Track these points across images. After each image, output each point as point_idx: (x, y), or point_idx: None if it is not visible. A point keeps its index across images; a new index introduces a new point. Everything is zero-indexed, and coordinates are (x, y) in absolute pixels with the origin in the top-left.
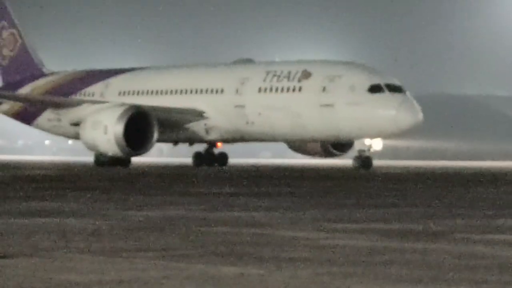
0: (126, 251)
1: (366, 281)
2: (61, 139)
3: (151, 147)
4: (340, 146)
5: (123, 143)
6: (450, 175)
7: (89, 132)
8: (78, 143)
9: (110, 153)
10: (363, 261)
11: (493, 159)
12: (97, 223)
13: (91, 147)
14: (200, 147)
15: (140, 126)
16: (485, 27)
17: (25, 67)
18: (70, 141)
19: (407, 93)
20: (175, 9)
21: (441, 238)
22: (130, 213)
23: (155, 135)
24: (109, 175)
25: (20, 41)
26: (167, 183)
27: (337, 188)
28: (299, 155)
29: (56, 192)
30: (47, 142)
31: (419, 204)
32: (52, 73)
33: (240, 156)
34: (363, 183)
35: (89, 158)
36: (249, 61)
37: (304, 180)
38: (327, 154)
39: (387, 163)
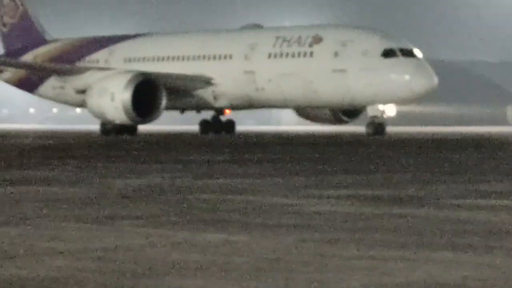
0: (111, 219)
1: (352, 247)
2: (45, 107)
3: (159, 114)
4: (350, 112)
5: (131, 110)
6: (436, 141)
7: (95, 100)
8: (66, 112)
9: (117, 121)
10: (348, 227)
11: (479, 124)
12: (82, 191)
13: (97, 115)
14: (208, 115)
15: (147, 94)
16: None
17: (27, 34)
18: (78, 110)
19: (422, 57)
20: None
21: (426, 203)
22: (116, 181)
23: (163, 103)
24: (102, 143)
25: (21, 8)
26: (158, 151)
27: (330, 154)
28: (307, 122)
29: (41, 160)
30: (31, 110)
31: (402, 169)
32: (54, 40)
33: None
34: (357, 150)
35: (79, 127)
36: (257, 26)
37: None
38: (337, 120)
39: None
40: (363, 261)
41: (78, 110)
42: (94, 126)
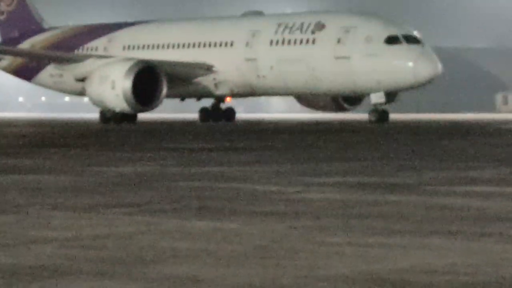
0: (101, 207)
1: (341, 234)
2: (34, 96)
3: (160, 102)
4: (352, 100)
5: (132, 98)
6: (421, 128)
7: (96, 88)
8: (55, 100)
9: (117, 109)
10: (337, 214)
11: (468, 111)
12: (72, 179)
13: (97, 103)
14: (207, 103)
15: (148, 81)
16: None
17: (24, 22)
18: (67, 98)
19: (425, 44)
20: None
21: (415, 190)
22: (105, 169)
23: (164, 91)
24: (98, 131)
25: None
26: (152, 139)
27: (324, 141)
28: (307, 109)
29: (30, 149)
30: (20, 99)
31: (394, 157)
32: (52, 28)
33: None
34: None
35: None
36: (258, 13)
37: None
38: (338, 108)
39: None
40: (353, 248)
41: (67, 98)
42: (88, 114)
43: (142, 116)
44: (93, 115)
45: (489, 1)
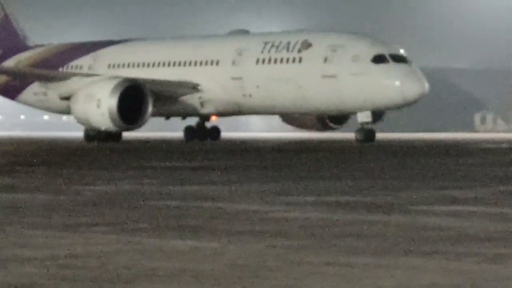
0: (79, 226)
1: (321, 253)
2: (13, 115)
3: (145, 121)
4: (337, 119)
5: (117, 117)
6: (404, 147)
7: (81, 106)
8: (34, 118)
9: (103, 128)
10: (317, 234)
11: (447, 130)
12: (50, 198)
13: (82, 121)
14: (192, 121)
15: (134, 100)
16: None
17: (8, 40)
18: (46, 116)
19: (412, 63)
20: None
21: (395, 210)
22: (84, 187)
23: (150, 109)
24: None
25: (2, 13)
26: (133, 157)
27: (304, 160)
28: (291, 128)
29: (11, 167)
30: None
31: (376, 176)
32: (37, 46)
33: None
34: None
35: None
36: (244, 32)
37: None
38: (323, 127)
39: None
40: (332, 268)
41: (46, 117)
42: (68, 133)
43: (127, 134)
44: (75, 133)
45: (468, 22)
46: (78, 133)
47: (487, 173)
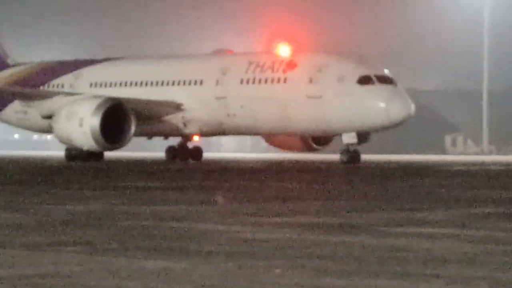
0: (49, 245)
1: (289, 274)
2: None
3: (128, 141)
4: (321, 140)
5: (100, 136)
6: (376, 169)
7: (63, 125)
8: (4, 137)
9: (85, 147)
10: (286, 255)
11: (418, 152)
12: (21, 217)
13: (64, 141)
14: (174, 141)
15: (116, 119)
16: (411, 21)
17: None
18: (16, 135)
19: (398, 84)
20: None
21: (364, 231)
22: (56, 207)
23: (132, 129)
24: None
25: None
26: (105, 177)
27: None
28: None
29: None
30: None
31: (347, 197)
32: (17, 64)
33: (159, 150)
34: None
35: (44, 153)
36: (229, 51)
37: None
38: (307, 148)
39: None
40: None
41: (16, 135)
42: (39, 152)
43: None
44: (48, 152)
45: (438, 43)
46: (52, 152)
47: (456, 195)
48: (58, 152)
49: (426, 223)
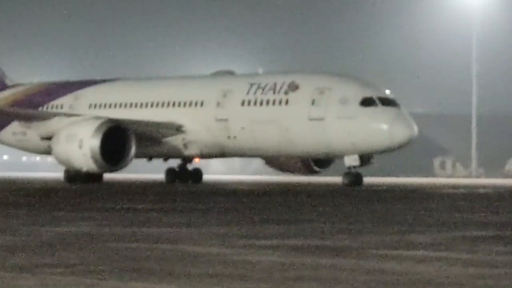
0: (38, 267)
1: None
2: None
3: (128, 162)
4: (322, 162)
5: (100, 158)
6: (363, 191)
7: (62, 146)
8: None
9: (85, 169)
10: (274, 277)
11: (406, 175)
12: (10, 238)
13: (64, 162)
14: (174, 163)
15: (116, 141)
16: (400, 44)
17: None
18: (5, 156)
19: (401, 106)
20: (147, 19)
21: (353, 253)
22: (43, 228)
23: (133, 150)
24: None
25: None
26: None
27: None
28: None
29: None
30: None
31: (338, 220)
32: (16, 85)
33: (149, 172)
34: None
35: (43, 174)
36: (230, 72)
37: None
38: (308, 171)
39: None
40: None
41: (6, 157)
42: (33, 174)
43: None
44: (42, 174)
45: (427, 67)
46: (43, 174)
47: (445, 218)
48: (48, 174)
49: (415, 246)
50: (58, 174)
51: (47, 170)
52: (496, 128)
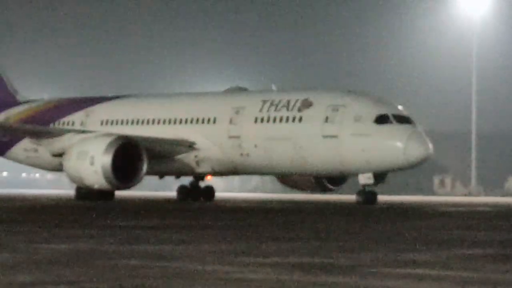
0: (34, 285)
1: None
2: None
3: (140, 180)
4: (335, 180)
5: (111, 175)
6: (358, 209)
7: (74, 163)
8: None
9: (96, 186)
10: None
11: (406, 193)
12: (8, 256)
13: (75, 179)
14: (186, 180)
15: (128, 158)
16: (399, 62)
17: None
18: (5, 173)
19: (416, 124)
20: (160, 36)
21: (352, 271)
22: (40, 246)
23: (145, 167)
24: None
25: None
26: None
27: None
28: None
29: None
30: None
31: (338, 238)
32: (27, 101)
33: (154, 189)
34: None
35: (54, 191)
36: (243, 89)
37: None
38: (321, 188)
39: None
40: None
41: (5, 173)
42: (33, 191)
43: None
44: (40, 191)
45: (426, 85)
46: (41, 191)
47: (444, 236)
48: (47, 191)
49: (413, 264)
50: (61, 191)
51: (46, 187)
52: (495, 146)
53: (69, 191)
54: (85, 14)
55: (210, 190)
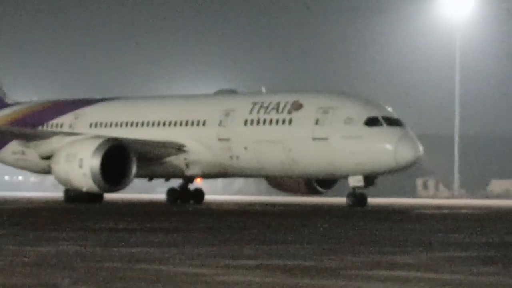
0: None
1: None
2: None
3: (129, 182)
4: (325, 182)
5: (100, 178)
6: (344, 211)
7: (62, 166)
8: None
9: (85, 189)
10: None
11: (389, 195)
12: None
13: (64, 182)
14: (175, 183)
15: (117, 160)
16: (382, 65)
17: None
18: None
19: (406, 126)
20: (149, 38)
21: (334, 274)
22: (24, 248)
23: (134, 170)
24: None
25: None
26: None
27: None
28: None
29: None
30: None
31: (322, 240)
32: (16, 104)
33: (136, 192)
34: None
35: (44, 194)
36: (232, 91)
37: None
38: (311, 191)
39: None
40: None
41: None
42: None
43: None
44: (46, 193)
45: (410, 87)
46: (46, 194)
47: (427, 239)
48: (32, 194)
49: (397, 266)
50: (46, 194)
51: (30, 190)
52: (478, 148)
53: (54, 194)
54: (74, 17)
55: (199, 193)
